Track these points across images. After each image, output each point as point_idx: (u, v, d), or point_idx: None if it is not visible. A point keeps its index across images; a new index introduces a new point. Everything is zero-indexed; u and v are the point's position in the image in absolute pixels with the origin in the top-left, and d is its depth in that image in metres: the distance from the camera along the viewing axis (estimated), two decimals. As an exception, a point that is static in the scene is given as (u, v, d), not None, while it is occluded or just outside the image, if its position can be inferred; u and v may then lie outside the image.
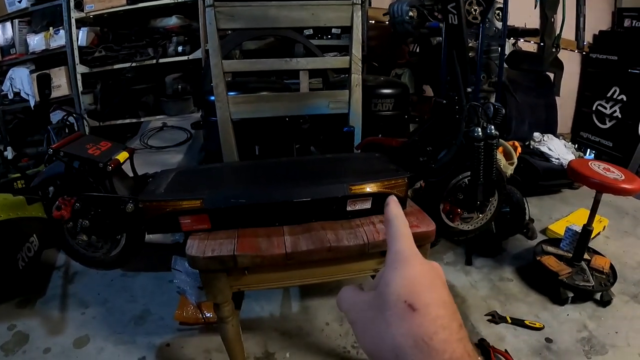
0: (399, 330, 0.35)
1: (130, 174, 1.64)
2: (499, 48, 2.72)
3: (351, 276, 1.35)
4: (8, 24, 3.80)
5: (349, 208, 1.32)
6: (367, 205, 1.33)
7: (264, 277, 1.29)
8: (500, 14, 2.75)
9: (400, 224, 0.43)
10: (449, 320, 0.35)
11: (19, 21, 3.76)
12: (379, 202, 1.34)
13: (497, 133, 1.59)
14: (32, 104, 3.48)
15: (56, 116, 3.27)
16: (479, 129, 1.55)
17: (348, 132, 1.72)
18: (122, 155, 1.53)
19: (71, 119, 2.93)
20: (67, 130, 2.81)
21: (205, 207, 1.24)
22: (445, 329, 0.35)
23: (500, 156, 2.02)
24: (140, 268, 2.39)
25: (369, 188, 1.30)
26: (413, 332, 0.34)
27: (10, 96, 3.66)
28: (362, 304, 0.40)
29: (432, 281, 0.38)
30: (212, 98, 1.87)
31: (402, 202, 1.38)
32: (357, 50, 1.78)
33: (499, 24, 2.77)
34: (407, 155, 1.53)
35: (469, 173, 1.64)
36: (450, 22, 1.54)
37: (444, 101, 1.56)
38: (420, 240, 1.33)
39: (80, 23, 3.50)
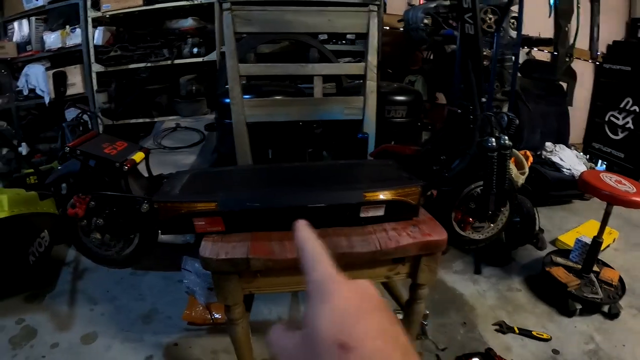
0: None
1: (145, 174, 1.65)
2: (513, 57, 2.71)
3: (362, 282, 1.35)
4: (25, 21, 3.84)
5: (362, 215, 1.32)
6: (380, 212, 1.33)
7: (276, 280, 1.30)
8: (515, 23, 2.75)
9: (313, 248, 0.40)
10: (391, 350, 0.31)
11: (36, 19, 3.81)
12: (392, 210, 1.34)
13: (511, 143, 1.59)
14: (46, 100, 3.52)
15: (70, 114, 3.30)
16: (493, 139, 1.55)
17: (362, 138, 1.72)
18: (138, 156, 1.54)
19: (85, 117, 2.95)
20: (81, 128, 2.84)
21: (219, 209, 1.25)
22: None
23: (511, 165, 2.02)
24: (150, 267, 2.40)
25: (383, 195, 1.31)
26: None
27: (25, 92, 3.70)
28: (292, 348, 0.35)
29: (363, 307, 0.34)
30: (227, 100, 1.88)
31: (415, 210, 1.38)
32: (372, 57, 1.79)
33: (513, 33, 2.76)
34: (421, 163, 1.53)
35: (481, 182, 1.64)
36: (466, 31, 1.55)
37: (459, 110, 1.56)
38: (432, 249, 1.34)
39: (97, 22, 3.54)
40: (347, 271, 1.31)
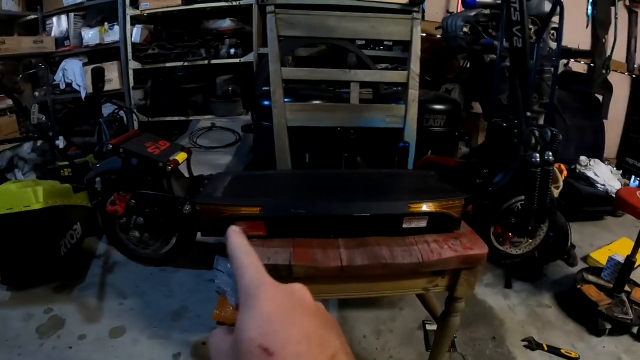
0: None
1: (186, 174, 1.67)
2: (552, 68, 2.67)
3: (400, 293, 1.34)
4: (63, 17, 3.94)
5: (404, 225, 1.31)
6: (423, 224, 1.32)
7: (316, 288, 1.28)
8: (555, 34, 2.70)
9: (243, 254, 0.40)
10: (315, 354, 0.31)
11: (74, 15, 3.91)
12: (434, 222, 1.33)
13: (554, 159, 1.57)
14: (82, 95, 3.60)
15: (106, 109, 3.36)
16: (537, 155, 1.52)
17: (403, 147, 1.71)
18: (181, 156, 1.56)
19: (121, 112, 3.01)
20: (117, 124, 2.89)
21: (263, 214, 1.25)
22: None
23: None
24: (180, 264, 2.41)
25: (426, 207, 1.30)
26: None
27: (62, 86, 3.80)
28: (225, 352, 0.35)
29: (290, 312, 0.34)
30: (265, 102, 1.89)
31: (457, 223, 1.36)
32: (415, 65, 1.77)
33: (553, 44, 2.72)
34: (463, 176, 1.52)
35: (521, 197, 1.61)
36: (514, 44, 1.53)
37: (504, 124, 1.54)
38: (472, 263, 1.32)
39: (135, 20, 3.61)
40: (387, 281, 1.32)
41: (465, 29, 2.71)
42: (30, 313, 2.04)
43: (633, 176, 4.09)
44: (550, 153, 1.56)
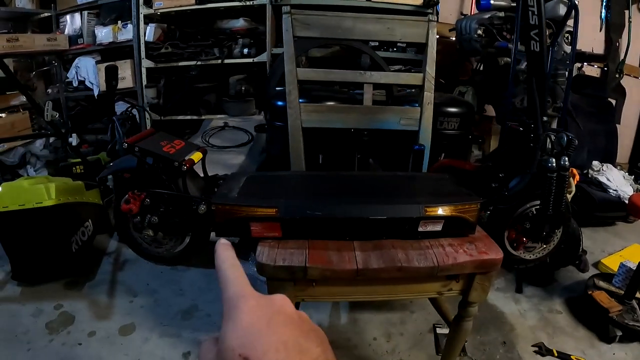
0: None
1: (201, 174, 1.67)
2: (566, 72, 2.65)
3: (414, 296, 1.34)
4: (77, 15, 3.97)
5: (420, 229, 1.31)
6: (438, 227, 1.32)
7: (330, 290, 1.29)
8: (569, 38, 2.68)
9: (228, 268, 0.40)
10: None
11: (88, 13, 3.93)
12: (449, 225, 1.33)
13: (569, 165, 1.55)
14: (95, 93, 3.63)
15: (119, 107, 3.38)
16: (553, 160, 1.51)
17: (418, 150, 1.70)
18: (197, 156, 1.56)
19: (134, 111, 3.03)
20: (129, 122, 2.90)
21: (280, 216, 1.25)
22: None
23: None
24: (191, 263, 2.41)
25: (442, 211, 1.29)
26: None
27: (75, 84, 3.83)
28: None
29: (269, 322, 0.35)
30: (279, 103, 1.89)
31: (473, 227, 1.36)
32: (431, 68, 1.77)
33: (567, 48, 2.70)
34: (479, 180, 1.51)
35: (536, 202, 1.60)
36: (532, 49, 1.52)
37: (520, 128, 1.53)
38: (487, 268, 1.31)
39: (148, 19, 3.62)
40: (401, 285, 1.31)
41: (479, 32, 2.69)
42: (40, 309, 2.05)
43: (645, 182, 4.06)
44: (566, 158, 1.55)
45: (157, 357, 1.82)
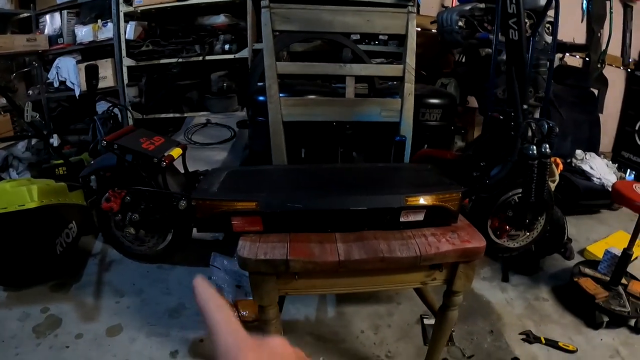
0: None
1: (181, 170, 1.66)
2: (548, 62, 2.66)
3: (398, 287, 1.34)
4: (57, 15, 3.91)
5: (402, 219, 1.30)
6: (420, 217, 1.32)
7: (313, 282, 1.29)
8: (550, 28, 2.69)
9: (216, 311, 0.38)
10: None
11: (68, 12, 3.87)
12: (431, 215, 1.33)
13: (551, 152, 1.56)
14: (77, 93, 3.58)
15: (101, 107, 3.34)
16: (534, 147, 1.52)
17: (400, 141, 1.70)
18: (176, 152, 1.55)
19: (116, 110, 2.99)
20: (111, 122, 2.87)
21: (260, 209, 1.24)
22: None
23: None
24: (177, 261, 2.39)
25: (424, 200, 1.29)
26: None
27: (56, 84, 3.77)
28: None
29: None
30: (261, 98, 1.88)
31: (455, 216, 1.36)
32: (411, 59, 1.76)
33: (548, 38, 2.71)
34: (460, 169, 1.51)
35: (519, 190, 1.61)
36: (510, 37, 1.52)
37: (500, 117, 1.54)
38: (470, 256, 1.31)
39: (128, 17, 3.58)
40: (384, 275, 1.31)
41: (460, 23, 2.70)
42: (27, 313, 2.03)
43: (629, 170, 4.11)
44: (547, 145, 1.55)
45: (145, 357, 1.82)
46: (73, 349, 1.83)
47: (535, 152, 1.52)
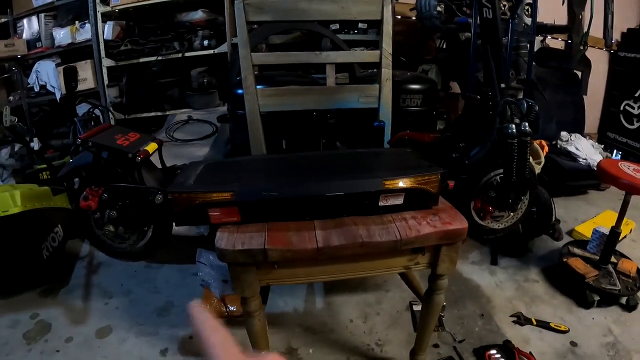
0: None
1: (159, 166, 1.64)
2: (528, 45, 2.66)
3: (381, 272, 1.33)
4: (34, 18, 3.87)
5: (381, 203, 1.29)
6: (400, 201, 1.30)
7: (294, 271, 1.28)
8: (530, 10, 2.70)
9: (212, 334, 0.40)
10: None
11: (45, 15, 3.83)
12: (411, 198, 1.31)
13: (531, 130, 1.55)
14: (57, 96, 3.54)
15: (82, 109, 3.31)
16: (513, 126, 1.51)
17: (378, 127, 1.69)
18: (151, 147, 1.53)
19: (97, 111, 2.97)
20: (92, 123, 2.84)
21: (236, 199, 1.23)
22: None
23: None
24: (164, 260, 2.40)
25: (402, 183, 1.28)
26: None
27: (36, 89, 3.73)
28: None
29: None
30: (240, 91, 1.86)
31: (435, 199, 1.35)
32: (387, 45, 1.75)
33: (528, 20, 2.72)
34: (439, 151, 1.50)
35: (501, 170, 1.60)
36: (484, 16, 1.51)
37: (477, 97, 1.53)
38: (452, 238, 1.30)
39: (106, 17, 3.55)
40: (366, 261, 1.30)
41: (439, 8, 2.69)
42: (16, 319, 2.01)
43: (615, 150, 4.13)
44: (526, 124, 1.54)
45: (135, 357, 1.81)
46: (64, 352, 1.82)
47: (514, 130, 1.50)
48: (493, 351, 1.77)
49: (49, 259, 2.25)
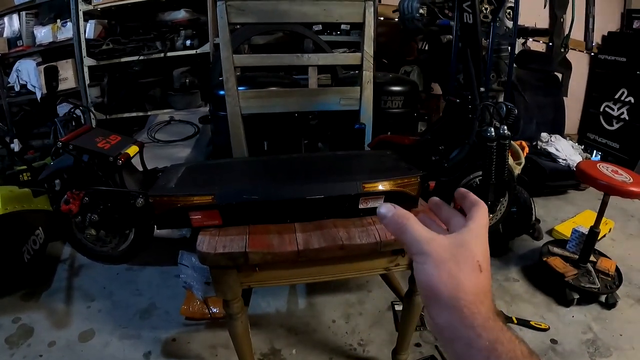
0: (469, 279, 0.43)
1: (140, 168, 1.63)
2: (509, 47, 2.70)
3: (361, 274, 1.34)
4: (15, 16, 3.79)
5: (361, 206, 1.30)
6: (380, 203, 1.31)
7: (275, 274, 1.28)
8: (511, 13, 2.73)
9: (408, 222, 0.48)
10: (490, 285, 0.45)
11: (26, 13, 3.76)
12: (391, 201, 1.32)
13: (510, 133, 1.58)
14: (38, 96, 3.48)
15: (63, 109, 3.26)
16: (492, 129, 1.54)
17: (359, 129, 1.70)
18: (132, 149, 1.52)
19: (78, 111, 2.93)
20: (73, 123, 2.81)
21: (216, 202, 1.23)
22: (490, 291, 0.45)
23: (508, 156, 2.01)
24: (146, 262, 2.38)
25: (382, 186, 1.29)
26: (479, 285, 0.43)
27: (17, 88, 3.65)
28: (440, 245, 0.45)
29: (487, 246, 0.47)
30: (221, 92, 1.85)
31: (415, 201, 1.36)
32: (368, 47, 1.76)
33: (509, 23, 2.75)
34: (419, 153, 1.52)
35: (480, 173, 1.63)
36: (465, 20, 1.53)
37: (457, 100, 1.55)
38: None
39: (88, 15, 3.50)
40: (347, 263, 1.31)
41: (421, 11, 2.71)
42: (-2, 324, 1.98)
43: (595, 151, 4.21)
44: (505, 127, 1.57)
45: (119, 360, 1.79)
46: (47, 357, 1.81)
47: (493, 133, 1.53)
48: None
49: (30, 262, 2.22)
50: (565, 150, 3.30)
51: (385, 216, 0.49)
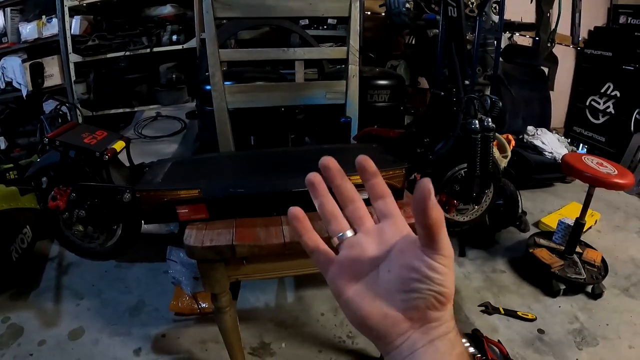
0: None
1: (127, 164, 1.63)
2: (495, 41, 2.72)
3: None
4: (0, 13, 3.74)
5: (347, 198, 1.31)
6: (365, 195, 1.32)
7: (262, 267, 1.29)
8: (497, 7, 2.75)
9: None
10: None
11: (11, 9, 3.70)
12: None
13: (494, 126, 1.60)
14: (24, 93, 3.44)
15: (49, 106, 3.23)
16: (476, 122, 1.56)
17: (345, 122, 1.71)
18: (119, 145, 1.52)
19: (64, 108, 2.90)
20: (60, 120, 2.78)
21: (203, 196, 1.23)
22: None
23: (494, 149, 2.03)
24: (135, 259, 2.38)
25: (367, 179, 1.30)
26: None
27: (2, 86, 3.61)
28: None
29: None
30: (208, 87, 1.85)
31: (400, 193, 1.38)
32: (354, 41, 1.77)
33: (495, 18, 2.77)
34: (404, 146, 1.53)
35: (465, 165, 1.64)
36: (449, 14, 1.55)
37: (442, 93, 1.57)
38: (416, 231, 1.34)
39: (74, 11, 3.45)
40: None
41: (408, 5, 2.73)
42: (-13, 325, 1.97)
43: (581, 144, 4.26)
44: (489, 120, 1.59)
45: (109, 358, 1.80)
46: (37, 356, 1.80)
47: (477, 126, 1.55)
48: (462, 340, 1.81)
49: (18, 261, 2.20)
50: (552, 144, 3.34)
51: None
